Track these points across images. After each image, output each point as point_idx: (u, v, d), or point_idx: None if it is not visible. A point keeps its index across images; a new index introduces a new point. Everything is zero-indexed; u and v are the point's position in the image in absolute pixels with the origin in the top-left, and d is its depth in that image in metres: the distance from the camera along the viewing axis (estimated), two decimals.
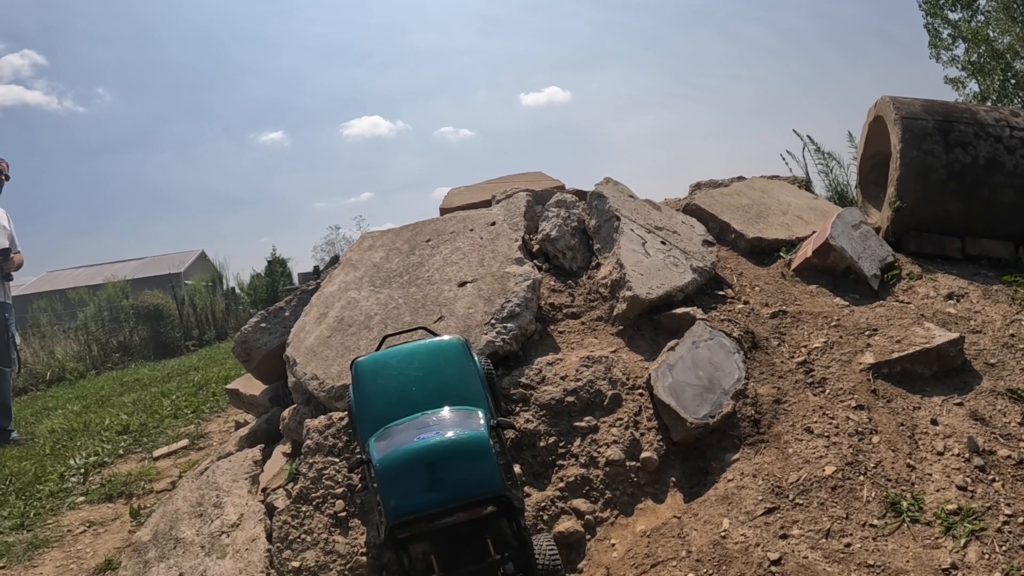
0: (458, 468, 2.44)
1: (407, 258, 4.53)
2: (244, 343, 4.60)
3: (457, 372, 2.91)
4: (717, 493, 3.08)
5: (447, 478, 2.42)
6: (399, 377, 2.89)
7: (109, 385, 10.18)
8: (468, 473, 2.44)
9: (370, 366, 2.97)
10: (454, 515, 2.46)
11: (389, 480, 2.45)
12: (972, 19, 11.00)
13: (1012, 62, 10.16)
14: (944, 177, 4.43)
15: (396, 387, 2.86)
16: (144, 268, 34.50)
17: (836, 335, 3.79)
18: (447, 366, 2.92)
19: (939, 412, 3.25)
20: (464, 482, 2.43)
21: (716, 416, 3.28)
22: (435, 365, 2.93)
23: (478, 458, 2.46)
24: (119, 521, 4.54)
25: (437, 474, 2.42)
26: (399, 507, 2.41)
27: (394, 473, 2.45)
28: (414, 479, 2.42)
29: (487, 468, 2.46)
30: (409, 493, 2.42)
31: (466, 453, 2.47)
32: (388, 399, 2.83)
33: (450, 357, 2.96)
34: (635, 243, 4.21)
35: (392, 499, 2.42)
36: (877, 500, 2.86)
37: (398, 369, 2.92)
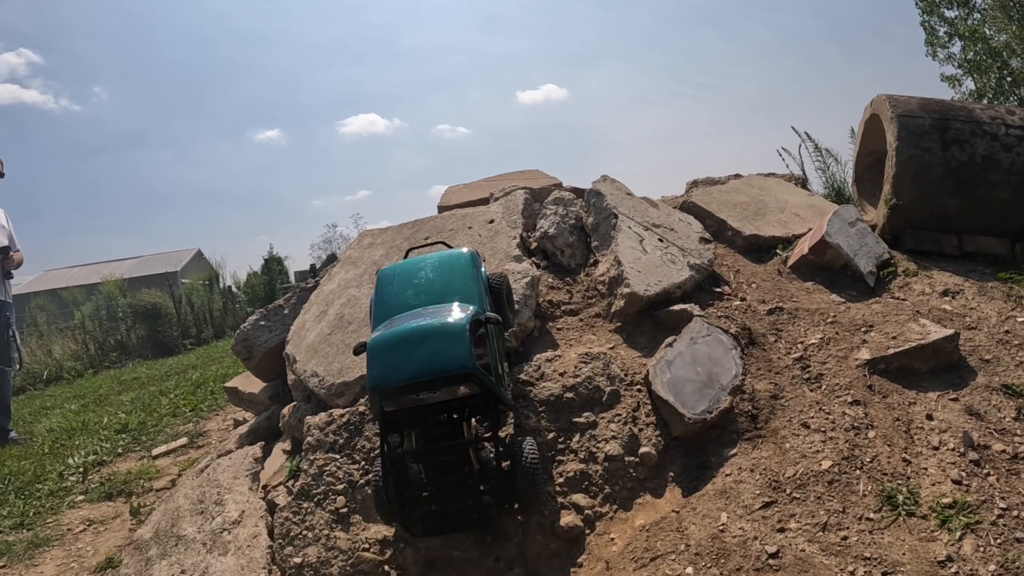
0: (431, 346, 2.69)
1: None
2: (245, 341, 4.63)
3: (461, 277, 3.14)
4: (715, 488, 3.11)
5: (420, 355, 2.68)
6: (410, 280, 3.16)
7: (107, 384, 10.20)
8: (440, 351, 2.68)
9: (388, 273, 3.26)
10: (435, 391, 2.73)
11: (372, 357, 2.74)
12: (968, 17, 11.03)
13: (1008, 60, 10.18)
14: (941, 175, 4.46)
15: (406, 289, 3.14)
16: (141, 267, 34.53)
17: (832, 331, 3.82)
18: (453, 272, 3.16)
19: (935, 407, 3.28)
20: (434, 358, 2.67)
21: (714, 412, 3.31)
22: (443, 271, 3.18)
23: (451, 339, 2.71)
24: (119, 519, 4.57)
25: (412, 352, 2.69)
26: (376, 378, 2.69)
27: (376, 350, 2.74)
28: (393, 356, 2.70)
29: (458, 348, 2.69)
30: (386, 367, 2.69)
31: (441, 334, 2.72)
32: (398, 299, 3.11)
33: (457, 264, 3.20)
34: (633, 240, 4.25)
35: (373, 371, 2.71)
36: (873, 494, 2.89)
37: (411, 274, 3.20)
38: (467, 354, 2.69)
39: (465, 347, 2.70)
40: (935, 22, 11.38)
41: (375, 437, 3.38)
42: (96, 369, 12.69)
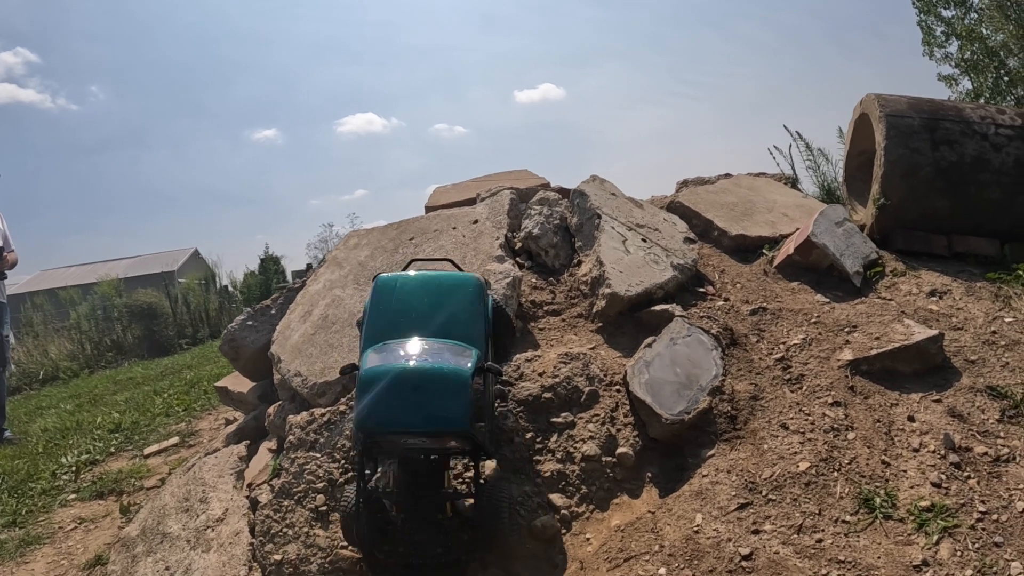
0: (430, 399, 2.61)
1: (391, 256, 4.62)
2: (232, 341, 4.70)
3: (466, 309, 3.07)
4: (692, 489, 3.15)
5: (417, 406, 2.60)
6: (411, 299, 3.08)
7: (102, 384, 10.26)
8: (439, 405, 2.61)
9: (388, 283, 3.16)
10: (424, 439, 2.70)
11: (365, 391, 2.62)
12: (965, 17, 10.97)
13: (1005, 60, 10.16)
14: (930, 175, 4.48)
15: (406, 308, 3.05)
16: (137, 266, 34.58)
17: (815, 332, 3.85)
18: (458, 301, 3.08)
19: (917, 409, 3.29)
20: (433, 413, 2.61)
21: (692, 412, 3.35)
22: (448, 297, 3.09)
23: (451, 394, 2.62)
24: (109, 518, 4.63)
25: (408, 399, 2.60)
26: (366, 419, 2.61)
27: (370, 386, 2.62)
28: (387, 398, 2.60)
29: (457, 405, 2.61)
30: (378, 409, 2.59)
31: (442, 386, 2.63)
32: (395, 317, 3.02)
33: (463, 293, 3.12)
34: (615, 241, 4.30)
35: (363, 410, 2.60)
36: (850, 496, 2.91)
37: (413, 292, 3.11)
38: (465, 414, 2.62)
39: (464, 406, 2.63)
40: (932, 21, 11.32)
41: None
42: (92, 369, 12.76)
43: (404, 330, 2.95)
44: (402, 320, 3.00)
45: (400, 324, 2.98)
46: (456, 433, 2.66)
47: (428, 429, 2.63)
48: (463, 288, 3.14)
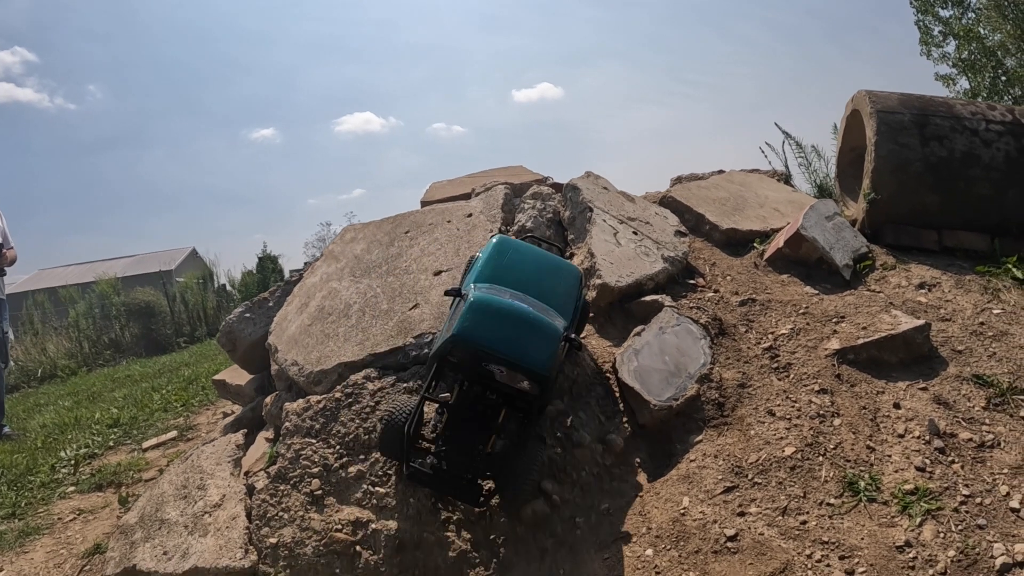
0: (528, 337, 2.92)
1: (387, 249, 4.73)
2: (229, 333, 4.79)
3: (565, 289, 3.34)
4: (679, 473, 3.24)
5: (515, 336, 2.90)
6: (525, 263, 3.36)
7: (100, 381, 10.33)
8: (533, 346, 2.91)
9: (508, 242, 3.46)
10: (502, 370, 2.94)
11: (474, 312, 2.93)
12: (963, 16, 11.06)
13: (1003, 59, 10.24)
14: (920, 170, 4.53)
15: (518, 266, 3.32)
16: (136, 266, 34.71)
17: (803, 322, 3.93)
18: (562, 280, 3.37)
19: (903, 397, 3.36)
20: (525, 350, 2.89)
21: (680, 399, 3.45)
22: (555, 274, 3.39)
23: (546, 341, 2.93)
24: (108, 509, 4.71)
25: (510, 331, 2.91)
26: (467, 331, 2.89)
27: (479, 308, 2.94)
28: (492, 321, 2.92)
29: (547, 352, 2.91)
30: (481, 327, 2.90)
31: (540, 332, 2.95)
32: (507, 269, 3.28)
33: (567, 276, 3.42)
34: (607, 233, 4.40)
35: (467, 323, 2.90)
36: (835, 480, 2.98)
37: (528, 258, 3.40)
38: (549, 360, 2.91)
39: (552, 353, 2.93)
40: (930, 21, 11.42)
41: (349, 423, 3.55)
42: (90, 367, 12.83)
43: (510, 283, 3.21)
44: (509, 275, 3.25)
45: (506, 278, 3.24)
46: (534, 374, 2.90)
47: (516, 359, 2.88)
48: (568, 272, 3.45)
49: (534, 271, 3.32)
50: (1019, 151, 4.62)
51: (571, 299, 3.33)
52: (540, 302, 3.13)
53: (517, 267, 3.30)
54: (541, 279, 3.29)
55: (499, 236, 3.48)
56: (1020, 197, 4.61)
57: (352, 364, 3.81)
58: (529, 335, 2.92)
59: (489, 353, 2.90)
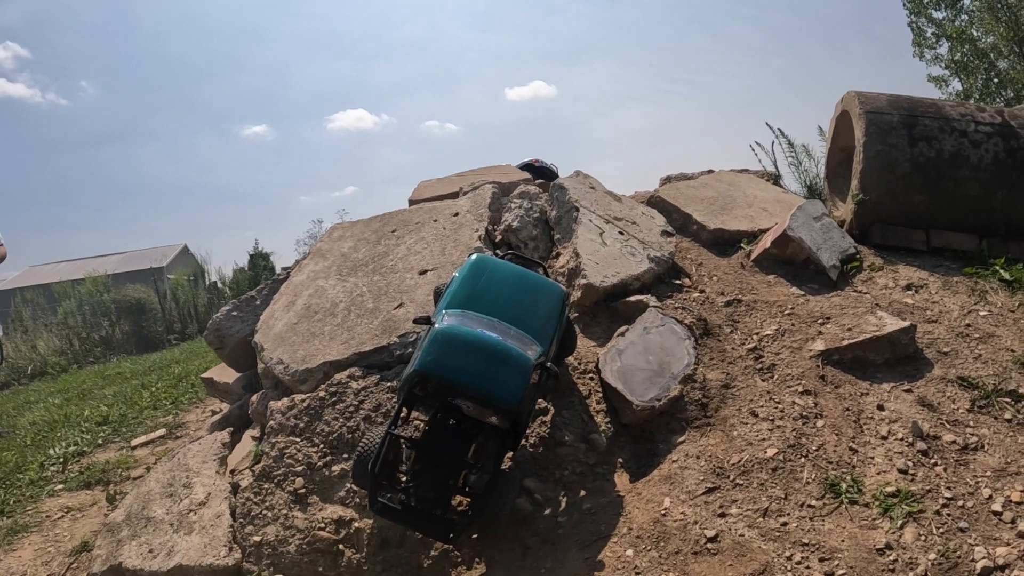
0: (494, 370, 2.86)
1: (374, 248, 4.78)
2: (217, 331, 4.84)
3: (545, 311, 3.27)
4: (661, 473, 3.28)
5: (481, 369, 2.85)
6: (502, 284, 3.27)
7: (90, 379, 10.33)
8: (499, 379, 2.85)
9: (486, 262, 3.38)
10: (469, 404, 2.93)
11: (437, 343, 2.89)
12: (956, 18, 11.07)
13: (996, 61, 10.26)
14: (908, 170, 4.55)
15: (494, 289, 3.24)
16: (126, 262, 34.63)
17: (789, 323, 3.95)
18: (542, 301, 3.30)
19: (887, 398, 3.38)
20: (491, 383, 2.85)
21: (663, 399, 3.49)
22: (534, 296, 3.30)
23: (514, 373, 2.87)
24: (96, 507, 4.75)
25: (475, 364, 2.86)
26: (430, 365, 2.85)
27: (444, 340, 2.90)
28: (457, 353, 2.87)
29: (516, 385, 2.86)
30: (445, 360, 2.86)
31: (508, 364, 2.89)
32: (482, 292, 3.20)
33: (548, 297, 3.34)
34: (593, 233, 4.44)
35: (429, 356, 2.86)
36: (817, 482, 3.01)
37: (505, 279, 3.31)
38: (519, 395, 2.87)
39: (520, 388, 2.87)
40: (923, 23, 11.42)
41: (333, 422, 3.60)
42: (80, 364, 12.84)
43: (484, 308, 3.14)
44: (484, 299, 3.18)
45: (481, 302, 3.17)
46: (503, 408, 2.88)
47: (482, 394, 2.85)
48: (549, 291, 3.37)
49: (512, 293, 3.25)
50: (1008, 152, 4.63)
51: (551, 321, 3.27)
52: (515, 328, 3.08)
53: (493, 290, 3.23)
54: (519, 302, 3.22)
55: (477, 255, 3.41)
56: (1008, 198, 4.62)
57: (337, 363, 3.86)
58: (496, 368, 2.87)
59: (454, 388, 2.90)
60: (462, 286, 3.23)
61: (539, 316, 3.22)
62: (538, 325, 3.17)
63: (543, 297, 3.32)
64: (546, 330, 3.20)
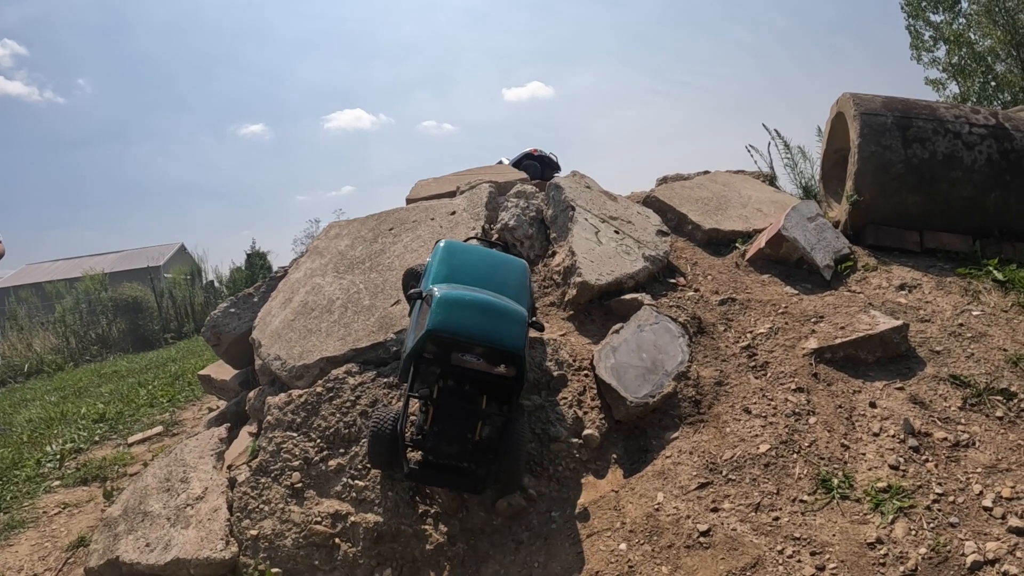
0: (499, 321, 3.11)
1: (370, 246, 4.83)
2: (214, 327, 4.87)
3: (516, 281, 3.57)
4: (654, 469, 3.31)
5: (487, 324, 3.09)
6: (474, 261, 3.56)
7: (87, 377, 10.30)
8: (505, 328, 3.11)
9: (455, 244, 3.65)
10: (478, 359, 3.13)
11: (444, 306, 3.08)
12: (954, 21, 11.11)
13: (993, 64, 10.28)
14: (902, 171, 4.57)
15: (470, 265, 3.52)
16: (123, 261, 34.54)
17: (782, 321, 3.98)
18: (511, 274, 3.59)
19: (879, 396, 3.41)
20: (499, 332, 3.09)
21: (657, 396, 3.52)
22: (504, 269, 3.61)
23: (516, 323, 3.14)
24: (93, 503, 4.76)
25: (481, 318, 3.09)
26: (439, 323, 3.04)
27: (447, 301, 3.10)
28: (463, 311, 3.08)
29: (519, 333, 3.12)
30: (453, 317, 3.06)
31: (509, 316, 3.15)
32: (460, 269, 3.47)
33: (516, 269, 3.64)
34: (588, 232, 4.48)
35: (439, 316, 3.05)
36: (809, 477, 3.04)
37: (476, 257, 3.61)
38: (523, 339, 3.12)
39: (523, 333, 3.14)
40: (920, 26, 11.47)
41: (330, 417, 3.65)
42: (76, 363, 12.82)
43: (465, 281, 3.38)
44: (463, 273, 3.44)
45: (461, 276, 3.41)
46: (511, 355, 3.10)
47: (493, 342, 3.07)
48: (516, 265, 3.67)
49: (486, 268, 3.53)
50: (1001, 154, 4.66)
51: (524, 289, 3.55)
52: (497, 294, 3.30)
53: (469, 266, 3.49)
54: (493, 274, 3.50)
55: (445, 240, 3.65)
56: (1002, 200, 4.65)
57: (334, 359, 3.91)
58: (500, 319, 3.11)
59: (466, 341, 3.07)
60: (440, 266, 3.46)
61: (512, 284, 3.50)
62: (514, 292, 3.44)
63: (511, 270, 3.60)
64: (522, 296, 3.48)
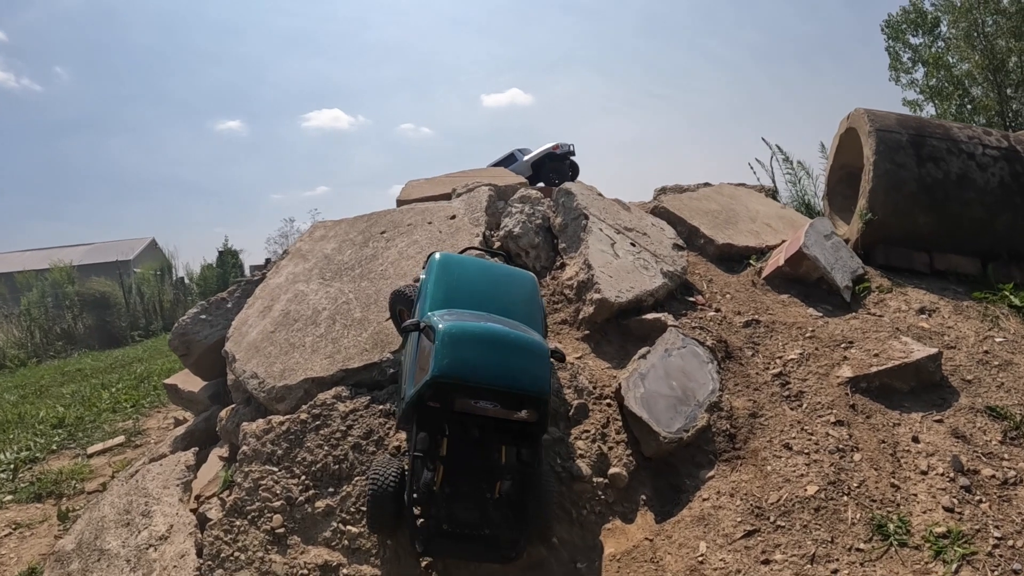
0: (519, 359, 2.48)
1: (360, 250, 4.17)
2: (183, 335, 4.18)
3: (526, 297, 2.95)
4: (692, 514, 2.80)
5: (507, 363, 2.45)
6: (476, 278, 2.91)
7: (50, 374, 9.73)
8: (526, 367, 2.48)
9: (452, 258, 2.98)
10: (495, 405, 2.46)
11: (450, 344, 2.43)
12: (933, 45, 11.33)
13: (970, 88, 10.39)
14: (915, 190, 4.29)
15: (471, 283, 2.87)
16: (93, 254, 33.29)
17: (811, 347, 3.57)
18: (519, 290, 2.97)
19: (920, 429, 3.09)
20: (520, 373, 2.46)
21: (691, 430, 3.00)
22: (511, 284, 2.98)
23: (538, 359, 2.51)
24: (47, 523, 4.22)
25: (499, 356, 2.45)
26: (448, 368, 2.39)
27: (456, 339, 2.44)
28: (473, 352, 2.43)
29: (542, 370, 2.50)
30: (465, 361, 2.41)
31: (530, 351, 2.52)
32: (460, 288, 2.82)
33: (523, 283, 3.02)
34: (604, 243, 3.91)
35: (445, 359, 2.39)
36: (863, 522, 2.68)
37: (477, 272, 2.95)
38: (547, 378, 2.51)
39: (547, 371, 2.52)
40: (900, 48, 11.66)
41: (317, 450, 2.96)
42: (40, 358, 12.07)
43: (467, 303, 2.77)
44: (464, 294, 2.81)
45: (461, 298, 2.78)
46: (536, 399, 2.48)
47: (513, 387, 2.45)
48: (522, 278, 3.06)
49: (490, 284, 2.90)
50: (1013, 176, 4.45)
51: (535, 307, 2.95)
52: (507, 319, 2.69)
53: (470, 283, 2.86)
54: (498, 292, 2.88)
55: (441, 254, 2.99)
56: (1012, 222, 4.44)
57: (321, 380, 3.24)
58: (519, 356, 2.49)
59: (479, 387, 2.43)
60: (437, 285, 2.82)
61: (521, 304, 2.89)
62: (524, 311, 2.85)
63: (518, 285, 3.00)
64: (534, 315, 2.89)
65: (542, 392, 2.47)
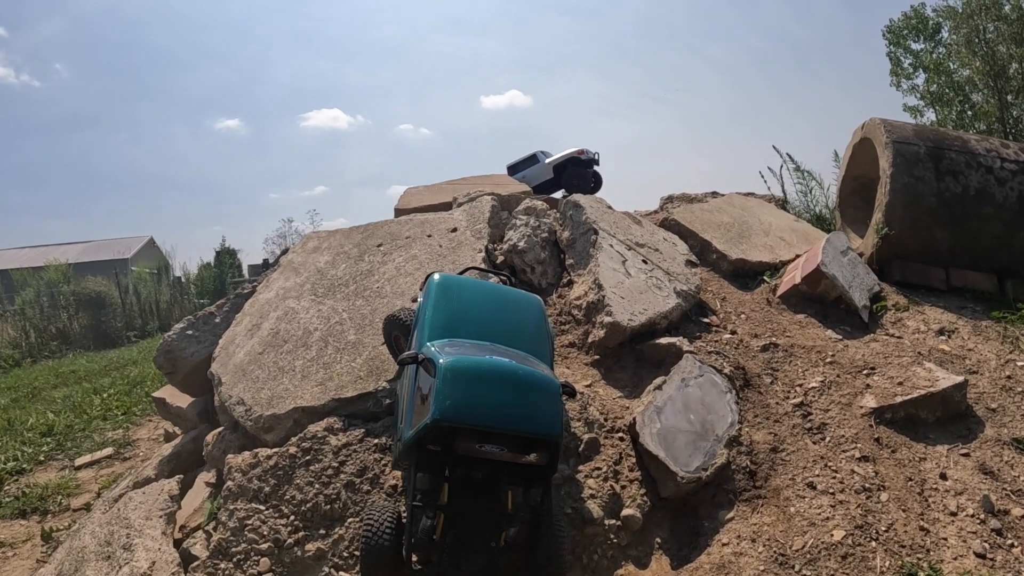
0: (529, 399, 2.24)
1: (355, 264, 3.90)
2: (168, 352, 3.92)
3: (533, 324, 2.71)
4: (711, 560, 2.55)
5: (515, 405, 2.22)
6: (479, 303, 2.67)
7: (43, 376, 9.46)
8: (537, 407, 2.24)
9: (453, 280, 2.73)
10: (501, 448, 2.22)
11: (452, 384, 2.17)
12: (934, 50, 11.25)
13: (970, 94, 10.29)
14: (934, 205, 4.11)
15: (473, 308, 2.63)
16: (90, 252, 32.86)
17: (833, 373, 3.34)
18: (526, 316, 2.72)
19: (947, 464, 2.91)
20: (530, 414, 2.23)
21: (710, 469, 2.74)
22: (516, 310, 2.73)
23: (549, 397, 2.27)
24: (30, 543, 4.04)
25: (505, 396, 2.21)
26: (451, 410, 2.14)
27: (459, 377, 2.19)
28: (481, 391, 2.19)
29: (553, 410, 2.27)
30: (467, 402, 2.16)
31: (540, 389, 2.28)
32: (462, 315, 2.58)
33: (530, 309, 2.77)
34: (615, 261, 3.64)
35: (447, 400, 2.15)
36: (892, 570, 2.47)
37: (480, 296, 2.71)
38: (559, 419, 2.27)
39: (559, 411, 2.28)
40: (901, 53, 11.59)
41: (307, 487, 2.69)
42: (35, 358, 11.77)
43: (470, 332, 2.53)
44: (466, 321, 2.57)
45: (464, 326, 2.54)
46: (547, 441, 2.24)
47: (524, 430, 2.21)
48: (529, 303, 2.80)
49: (494, 310, 2.65)
50: None
51: (542, 335, 2.70)
52: (513, 349, 2.45)
53: (473, 309, 2.61)
54: (503, 319, 2.63)
55: (440, 275, 2.73)
56: None
57: (312, 410, 2.97)
58: (529, 395, 2.24)
59: (486, 430, 2.17)
60: (437, 311, 2.57)
61: (528, 332, 2.65)
62: (531, 340, 2.61)
63: (524, 310, 2.74)
64: (541, 346, 2.64)
65: (553, 434, 2.23)
